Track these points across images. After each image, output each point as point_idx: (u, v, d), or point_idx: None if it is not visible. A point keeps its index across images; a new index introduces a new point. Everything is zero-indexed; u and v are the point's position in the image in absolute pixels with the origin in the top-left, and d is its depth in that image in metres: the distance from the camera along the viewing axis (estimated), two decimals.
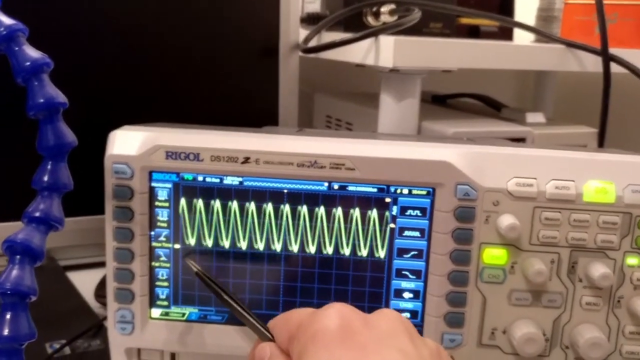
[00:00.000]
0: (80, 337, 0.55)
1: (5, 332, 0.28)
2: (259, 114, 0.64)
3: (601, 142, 0.68)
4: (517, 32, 0.85)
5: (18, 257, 0.29)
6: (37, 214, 0.31)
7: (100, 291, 0.63)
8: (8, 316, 0.29)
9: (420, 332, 0.47)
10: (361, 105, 0.74)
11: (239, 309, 0.41)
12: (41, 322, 0.51)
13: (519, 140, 0.64)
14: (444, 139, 0.53)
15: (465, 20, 0.81)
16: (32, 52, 0.31)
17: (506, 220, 0.44)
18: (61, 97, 0.31)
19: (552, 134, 0.67)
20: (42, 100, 0.31)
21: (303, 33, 0.68)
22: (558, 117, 1.01)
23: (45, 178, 0.31)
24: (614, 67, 0.65)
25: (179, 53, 0.59)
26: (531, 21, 0.88)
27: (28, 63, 0.31)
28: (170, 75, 0.59)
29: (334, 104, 0.80)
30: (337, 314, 0.33)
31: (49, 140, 0.31)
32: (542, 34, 0.72)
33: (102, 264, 0.70)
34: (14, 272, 0.29)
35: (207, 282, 0.43)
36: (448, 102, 0.84)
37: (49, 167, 0.31)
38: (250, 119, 0.63)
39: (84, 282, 0.67)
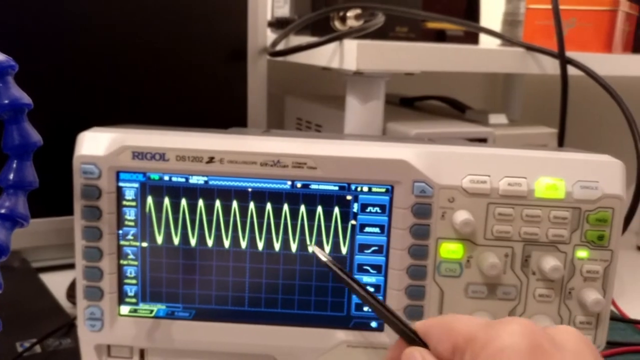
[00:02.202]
0: (51, 336, 0.55)
1: None
2: (228, 116, 0.65)
3: (561, 142, 0.70)
4: (484, 37, 0.88)
5: None
6: (3, 211, 0.32)
7: (71, 291, 0.64)
8: None
9: (382, 326, 0.48)
10: (330, 108, 0.76)
11: (380, 307, 0.38)
12: (12, 322, 0.52)
13: (481, 141, 0.66)
14: (406, 140, 0.55)
15: (431, 25, 0.83)
16: None
17: (461, 216, 0.45)
18: (26, 99, 0.33)
19: (514, 135, 0.69)
20: (7, 101, 0.32)
21: (271, 37, 0.69)
22: (526, 118, 1.04)
23: (11, 176, 0.32)
24: (574, 70, 0.68)
25: (147, 55, 0.60)
26: (497, 25, 0.91)
27: None
28: (140, 78, 0.60)
29: (304, 106, 0.82)
30: (522, 331, 0.30)
31: (14, 139, 0.32)
32: (503, 37, 0.75)
33: (73, 265, 0.71)
34: None
35: (340, 275, 0.40)
36: (415, 104, 0.86)
37: (14, 165, 0.33)
38: (219, 121, 0.64)
39: (56, 283, 0.67)
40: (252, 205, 0.47)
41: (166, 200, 0.47)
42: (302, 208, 0.47)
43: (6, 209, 0.32)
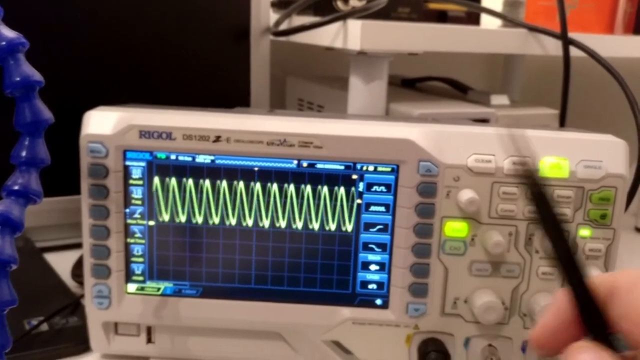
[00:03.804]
0: (58, 314, 0.56)
1: None
2: (231, 97, 0.65)
3: (562, 123, 0.70)
4: (485, 17, 0.87)
5: None
6: (16, 187, 0.32)
7: (76, 270, 0.65)
8: None
9: (387, 303, 0.49)
10: (332, 88, 0.76)
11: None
12: (19, 300, 0.53)
13: (483, 121, 0.66)
14: (410, 119, 0.55)
15: (433, 6, 0.83)
16: (8, 32, 0.32)
17: (466, 194, 0.46)
18: (37, 76, 0.33)
19: (515, 115, 0.70)
20: (18, 79, 0.32)
21: (274, 17, 0.69)
22: (527, 99, 1.04)
23: (23, 153, 0.33)
24: (576, 51, 0.68)
25: (152, 36, 0.60)
26: (498, 6, 0.91)
27: (4, 43, 0.32)
28: (144, 59, 0.60)
29: (306, 87, 0.82)
30: None
31: (26, 117, 0.33)
32: (505, 18, 0.75)
33: (77, 245, 0.71)
34: None
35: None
36: (417, 85, 0.86)
37: (26, 142, 0.33)
38: (223, 102, 0.64)
39: (60, 263, 0.68)
40: (258, 184, 0.48)
41: (173, 179, 0.48)
42: (308, 187, 0.48)
43: (19, 185, 0.32)
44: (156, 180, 0.48)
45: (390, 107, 0.66)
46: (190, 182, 0.48)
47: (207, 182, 0.48)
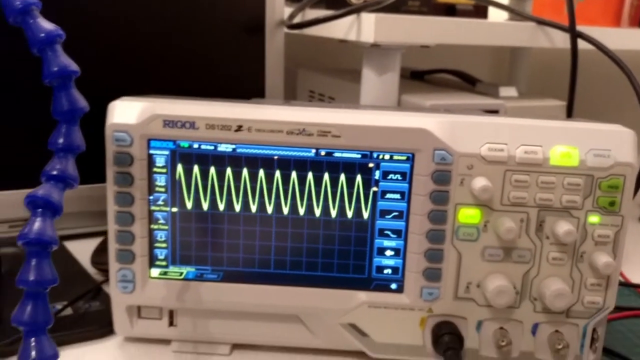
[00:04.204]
0: (81, 299, 0.57)
1: (31, 277, 0.31)
2: (247, 88, 0.67)
3: (569, 114, 0.72)
4: (492, 11, 0.89)
5: (40, 210, 0.32)
6: (55, 172, 0.34)
7: (96, 258, 0.66)
8: (33, 263, 0.32)
9: (402, 287, 0.51)
10: (343, 80, 0.77)
11: None
12: None
13: (492, 112, 0.68)
14: (422, 110, 0.56)
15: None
16: (46, 24, 0.34)
17: (479, 182, 0.47)
18: (73, 66, 0.34)
19: (524, 107, 0.71)
20: (56, 69, 0.34)
21: (288, 10, 0.70)
22: (532, 92, 1.05)
23: (61, 140, 0.34)
24: (582, 44, 0.69)
25: (169, 30, 0.62)
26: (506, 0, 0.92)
27: (43, 34, 0.34)
28: (161, 52, 0.62)
29: (317, 79, 0.84)
30: None
31: (63, 105, 0.34)
32: (514, 11, 0.76)
33: (95, 234, 0.73)
34: (37, 224, 0.32)
35: None
36: (426, 77, 0.88)
37: (63, 130, 0.34)
38: (238, 93, 0.66)
39: (80, 250, 0.70)
40: (277, 172, 0.49)
41: (195, 168, 0.49)
42: (326, 175, 0.49)
43: (58, 170, 0.34)
44: (179, 168, 0.49)
45: (402, 99, 0.67)
46: (213, 170, 0.49)
47: (229, 170, 0.49)
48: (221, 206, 0.50)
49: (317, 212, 0.50)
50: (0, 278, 0.62)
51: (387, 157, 0.49)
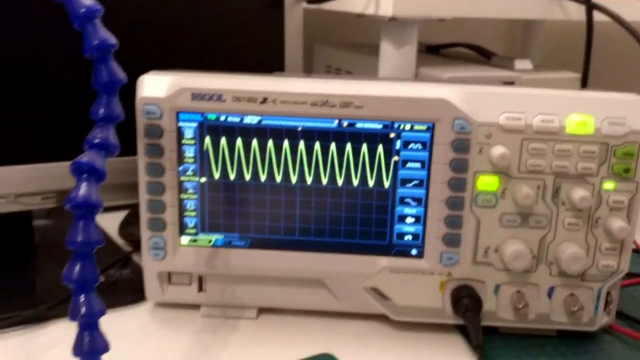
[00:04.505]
0: (112, 267, 0.60)
1: (79, 238, 0.34)
2: (267, 63, 0.68)
3: (584, 86, 0.73)
4: None
5: (85, 175, 0.34)
6: (97, 141, 0.36)
7: (123, 229, 0.69)
8: (80, 225, 0.34)
9: (422, 253, 0.53)
10: (360, 54, 0.78)
11: None
12: None
13: (508, 85, 0.69)
14: (441, 82, 0.58)
15: None
16: (86, 0, 0.36)
17: (497, 150, 0.49)
18: (112, 39, 0.36)
19: (539, 79, 0.72)
20: (96, 42, 0.35)
21: None
22: (545, 64, 1.06)
23: (101, 110, 0.36)
24: (598, 16, 0.70)
25: (192, 6, 0.63)
26: None
27: (83, 10, 0.35)
28: (182, 28, 0.63)
29: (334, 54, 0.85)
30: None
31: (103, 77, 0.36)
32: None
33: (119, 207, 0.75)
34: (83, 189, 0.34)
35: None
36: (441, 51, 0.89)
37: (103, 100, 0.36)
38: (259, 69, 0.67)
39: (106, 223, 0.72)
40: (301, 143, 0.51)
41: (222, 139, 0.51)
42: (348, 146, 0.51)
43: (99, 139, 0.36)
44: (207, 140, 0.51)
45: (419, 72, 0.68)
46: (239, 141, 0.51)
47: (255, 142, 0.51)
48: (247, 176, 0.52)
49: (340, 181, 0.52)
50: (34, 249, 0.64)
51: (407, 127, 0.50)
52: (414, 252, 0.53)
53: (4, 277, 0.59)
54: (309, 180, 0.52)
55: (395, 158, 0.51)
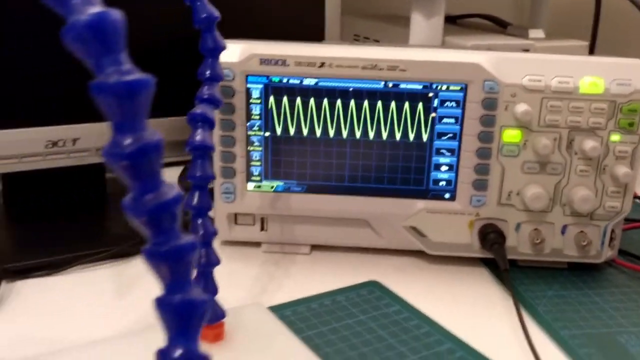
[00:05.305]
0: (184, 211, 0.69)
1: (198, 174, 0.42)
2: (307, 33, 0.76)
3: (591, 53, 0.81)
4: None
5: (199, 124, 0.42)
6: (206, 96, 0.44)
7: (182, 181, 0.77)
8: (199, 163, 0.42)
9: (454, 196, 0.61)
10: (387, 24, 0.86)
11: None
12: None
13: (524, 52, 0.77)
14: (469, 49, 0.66)
15: None
16: None
17: (521, 108, 0.57)
18: (216, 12, 0.44)
19: (551, 47, 0.80)
20: (204, 15, 0.43)
21: None
22: (552, 33, 1.14)
23: (208, 72, 0.44)
24: None
25: None
26: None
27: None
28: (237, 4, 0.71)
29: (362, 24, 0.93)
30: None
31: (209, 44, 0.44)
32: None
33: (175, 163, 0.83)
34: (199, 135, 0.42)
35: None
36: (458, 22, 0.97)
37: (209, 63, 0.44)
38: (300, 38, 0.75)
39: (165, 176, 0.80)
40: (352, 102, 0.59)
41: (284, 99, 0.59)
42: (393, 104, 0.59)
43: (208, 95, 0.44)
44: (271, 99, 0.59)
45: (445, 40, 0.77)
46: (299, 100, 0.59)
47: (312, 101, 0.59)
48: (305, 131, 0.60)
49: (384, 135, 0.60)
50: (106, 198, 0.73)
51: (444, 87, 0.59)
52: (447, 195, 0.62)
53: (83, 221, 0.68)
54: (358, 134, 0.60)
55: (433, 114, 0.59)
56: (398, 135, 0.60)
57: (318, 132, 0.60)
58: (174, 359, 0.21)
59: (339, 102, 0.59)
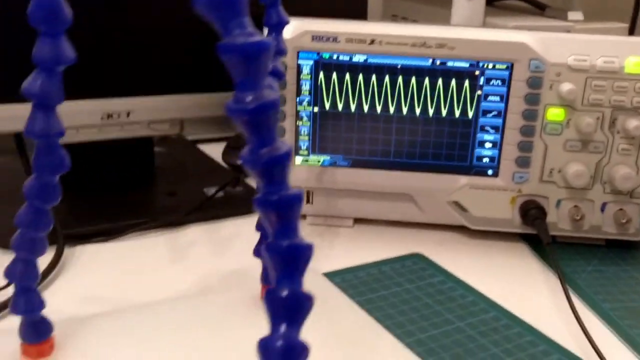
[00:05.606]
0: (227, 186, 0.71)
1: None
2: (351, 10, 0.78)
3: (631, 34, 0.82)
4: None
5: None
6: (270, 69, 0.46)
7: (225, 156, 0.79)
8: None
9: (497, 173, 0.63)
10: (426, 5, 0.88)
11: None
12: (195, 174, 0.68)
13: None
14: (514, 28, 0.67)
15: None
16: None
17: (566, 87, 0.59)
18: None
19: (590, 29, 0.81)
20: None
21: None
22: (589, 15, 1.14)
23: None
24: None
25: None
26: None
27: None
28: None
29: (400, 5, 0.94)
30: None
31: (274, 19, 0.46)
32: None
33: (216, 140, 0.86)
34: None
35: None
36: (495, 4, 0.97)
37: (273, 37, 0.46)
38: (345, 16, 0.77)
39: (209, 152, 0.83)
40: (400, 78, 0.61)
41: (334, 75, 0.61)
42: (440, 81, 0.61)
43: (272, 67, 0.46)
44: (321, 75, 0.61)
45: (486, 21, 0.78)
46: (348, 77, 0.61)
47: (361, 77, 0.61)
48: (353, 107, 0.62)
49: (431, 111, 0.62)
50: (154, 171, 0.76)
51: (490, 66, 0.60)
52: (490, 172, 0.63)
53: (134, 192, 0.70)
54: (405, 110, 0.62)
55: (479, 92, 0.61)
56: (444, 112, 0.62)
57: (365, 108, 0.62)
58: (281, 298, 0.23)
59: (387, 78, 0.61)
